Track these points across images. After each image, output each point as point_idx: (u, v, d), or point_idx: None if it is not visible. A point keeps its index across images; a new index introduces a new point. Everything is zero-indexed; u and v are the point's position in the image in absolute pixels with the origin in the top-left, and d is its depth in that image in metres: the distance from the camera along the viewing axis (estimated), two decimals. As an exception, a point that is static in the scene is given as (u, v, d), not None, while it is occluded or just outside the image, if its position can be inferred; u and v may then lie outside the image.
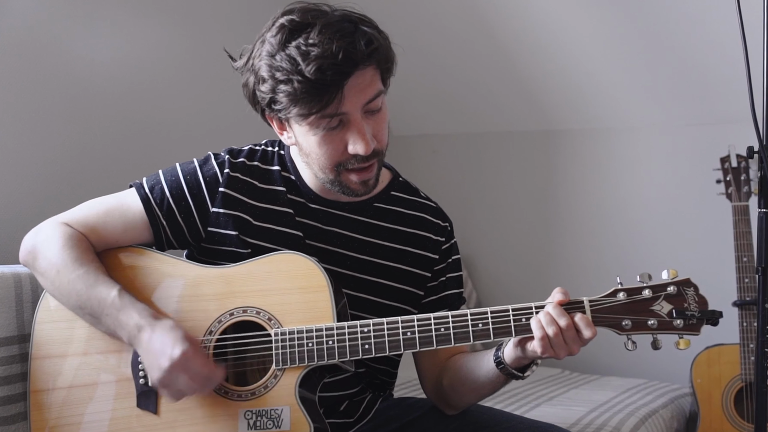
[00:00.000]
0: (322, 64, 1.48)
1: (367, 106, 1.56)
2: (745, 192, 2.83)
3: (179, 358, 1.50)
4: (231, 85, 2.39)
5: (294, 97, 1.51)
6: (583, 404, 2.74)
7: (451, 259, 1.82)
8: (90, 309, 1.61)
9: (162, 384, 1.53)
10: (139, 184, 1.73)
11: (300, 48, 1.50)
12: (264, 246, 1.69)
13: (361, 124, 1.56)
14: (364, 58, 1.52)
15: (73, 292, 1.62)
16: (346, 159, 1.59)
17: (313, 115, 1.53)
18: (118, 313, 1.58)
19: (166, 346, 1.51)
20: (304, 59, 1.48)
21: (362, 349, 1.56)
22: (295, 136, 1.62)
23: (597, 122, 3.49)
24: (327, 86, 1.49)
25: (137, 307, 1.58)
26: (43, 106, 2.40)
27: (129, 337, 1.58)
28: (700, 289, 1.52)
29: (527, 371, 1.61)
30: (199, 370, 1.51)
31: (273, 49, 1.53)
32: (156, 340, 1.53)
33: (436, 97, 3.69)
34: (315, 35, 1.50)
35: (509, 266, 3.70)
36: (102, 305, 1.59)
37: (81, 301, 1.62)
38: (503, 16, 3.25)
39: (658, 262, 3.26)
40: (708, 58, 3.02)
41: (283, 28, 1.53)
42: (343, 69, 1.50)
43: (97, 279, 1.62)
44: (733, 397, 2.76)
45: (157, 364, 1.52)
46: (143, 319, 1.56)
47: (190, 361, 1.51)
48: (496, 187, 3.74)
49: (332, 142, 1.57)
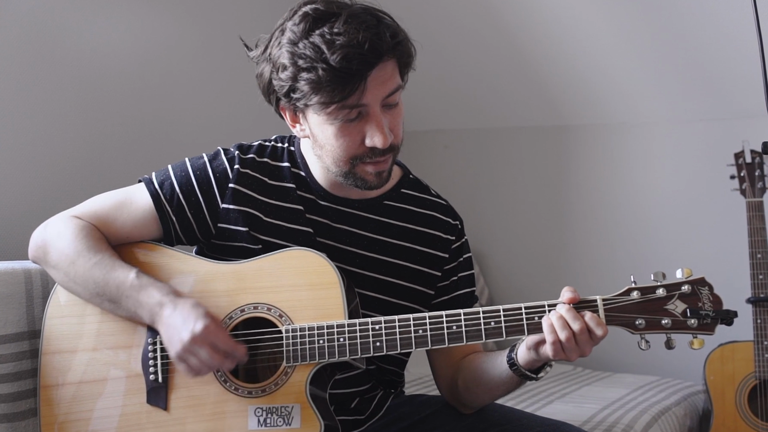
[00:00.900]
0: (348, 53, 1.47)
1: (386, 99, 1.56)
2: (760, 188, 2.82)
3: (201, 331, 1.49)
4: (242, 79, 2.39)
5: (317, 85, 1.50)
6: (596, 401, 2.73)
7: (462, 258, 1.81)
8: (109, 294, 1.61)
9: (181, 357, 1.52)
10: (148, 180, 1.72)
11: (325, 36, 1.50)
12: (275, 242, 1.69)
13: (379, 117, 1.55)
14: (389, 49, 1.53)
15: (90, 280, 1.62)
16: (363, 152, 1.58)
17: (334, 104, 1.52)
18: (138, 294, 1.58)
19: (188, 321, 1.51)
20: (330, 47, 1.48)
21: (374, 347, 1.55)
22: (310, 127, 1.61)
23: (609, 117, 3.47)
24: (351, 76, 1.49)
25: (157, 286, 1.58)
26: (52, 101, 2.39)
27: (150, 315, 1.58)
28: (714, 289, 1.51)
29: (541, 372, 1.60)
30: (222, 344, 1.51)
31: (295, 36, 1.52)
32: (177, 315, 1.53)
33: (447, 93, 3.68)
34: (340, 25, 1.50)
35: (521, 262, 3.69)
36: (121, 288, 1.59)
37: (99, 288, 1.61)
38: (515, 11, 3.23)
39: (671, 258, 3.27)
40: (721, 53, 3.00)
41: (307, 16, 1.53)
42: (368, 59, 1.50)
43: (114, 264, 1.62)
44: (747, 394, 2.75)
45: (178, 336, 1.51)
46: (165, 297, 1.56)
47: (212, 335, 1.50)
48: (508, 183, 3.73)
49: (350, 134, 1.57)
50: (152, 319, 1.58)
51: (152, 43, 2.75)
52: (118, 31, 2.63)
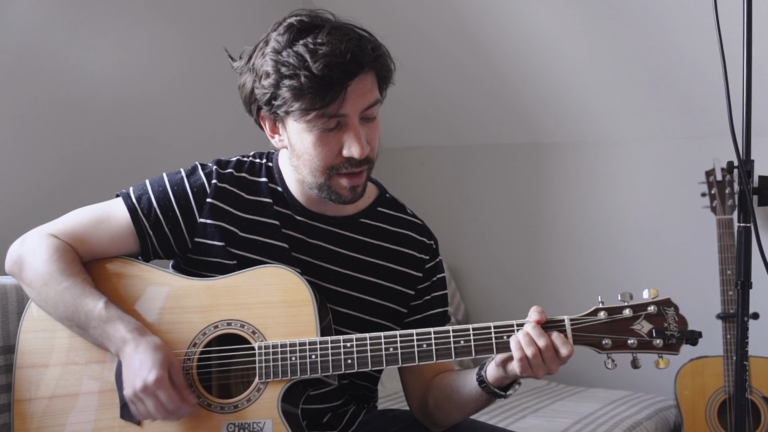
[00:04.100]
0: (330, 62, 1.51)
1: (364, 112, 1.59)
2: (730, 205, 2.86)
3: (152, 383, 1.51)
4: (220, 95, 2.41)
5: (298, 91, 1.53)
6: (569, 416, 2.75)
7: (435, 277, 1.83)
8: (77, 320, 1.62)
9: (131, 400, 1.56)
10: (126, 194, 1.73)
11: (308, 46, 1.53)
12: (250, 257, 1.70)
13: (357, 128, 1.58)
14: (369, 61, 1.56)
15: (61, 303, 1.63)
16: (339, 162, 1.60)
17: (314, 111, 1.55)
18: (105, 326, 1.59)
19: (144, 367, 1.53)
20: (312, 56, 1.52)
21: (345, 364, 1.56)
22: (289, 136, 1.63)
23: (583, 136, 3.50)
24: (332, 84, 1.52)
25: (124, 320, 1.59)
26: (33, 113, 2.39)
27: (116, 350, 1.59)
28: (680, 309, 1.53)
29: (509, 390, 1.62)
30: (167, 401, 1.53)
31: (280, 46, 1.56)
32: (137, 357, 1.54)
33: (424, 110, 3.70)
34: (324, 36, 1.54)
35: (496, 278, 3.71)
36: (89, 317, 1.60)
37: (68, 313, 1.62)
38: (492, 30, 3.26)
39: (643, 274, 3.30)
40: (692, 73, 3.04)
41: (292, 27, 1.57)
42: (349, 69, 1.53)
43: (84, 291, 1.62)
44: (717, 408, 2.78)
45: (132, 381, 1.54)
46: (129, 333, 1.57)
47: (160, 390, 1.52)
48: (484, 200, 3.75)
49: (328, 143, 1.59)
50: (116, 353, 1.60)
51: (132, 56, 2.76)
52: (99, 45, 2.64)
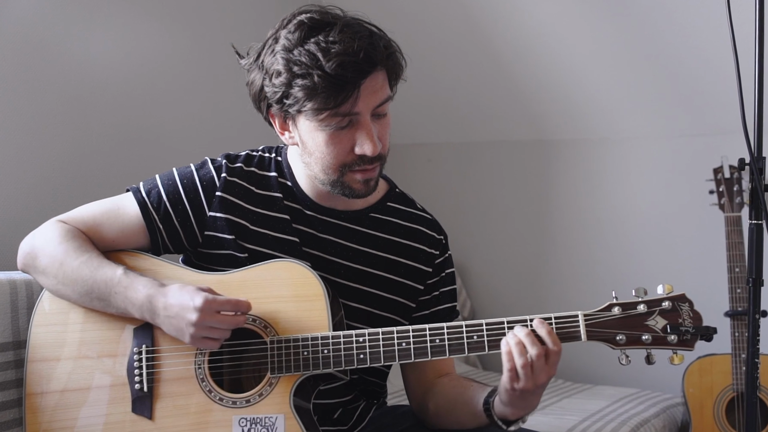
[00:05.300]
0: (343, 61, 1.50)
1: (376, 109, 1.59)
2: (738, 203, 2.84)
3: (203, 304, 1.51)
4: (229, 88, 2.40)
5: (312, 91, 1.52)
6: (576, 413, 2.74)
7: (444, 272, 1.83)
8: (98, 292, 1.62)
9: (196, 336, 1.54)
10: (135, 189, 1.73)
11: (320, 44, 1.52)
12: (261, 251, 1.70)
13: (370, 125, 1.58)
14: (382, 59, 1.56)
15: (79, 279, 1.62)
16: (352, 160, 1.60)
17: (327, 111, 1.54)
18: (126, 291, 1.59)
19: (185, 302, 1.53)
20: (325, 55, 1.51)
21: (357, 359, 1.56)
22: (300, 134, 1.63)
23: (590, 132, 3.50)
24: (345, 83, 1.52)
25: (143, 281, 1.59)
26: (40, 110, 2.39)
27: (141, 311, 1.59)
28: (695, 305, 1.53)
29: (513, 426, 1.60)
30: (225, 305, 1.53)
31: (290, 44, 1.55)
32: (172, 303, 1.54)
33: (430, 107, 3.69)
34: (336, 34, 1.53)
35: (503, 275, 3.71)
36: (109, 285, 1.60)
37: (88, 286, 1.62)
38: (499, 27, 3.26)
39: (651, 271, 3.29)
40: (700, 70, 3.04)
41: (303, 25, 1.55)
42: (363, 68, 1.52)
43: (101, 262, 1.63)
44: (725, 406, 2.77)
45: (185, 320, 1.53)
46: (152, 289, 1.57)
47: (214, 302, 1.52)
48: (490, 196, 3.75)
49: (340, 141, 1.59)
50: (144, 315, 1.59)
51: (139, 52, 2.75)
52: (105, 41, 2.63)
